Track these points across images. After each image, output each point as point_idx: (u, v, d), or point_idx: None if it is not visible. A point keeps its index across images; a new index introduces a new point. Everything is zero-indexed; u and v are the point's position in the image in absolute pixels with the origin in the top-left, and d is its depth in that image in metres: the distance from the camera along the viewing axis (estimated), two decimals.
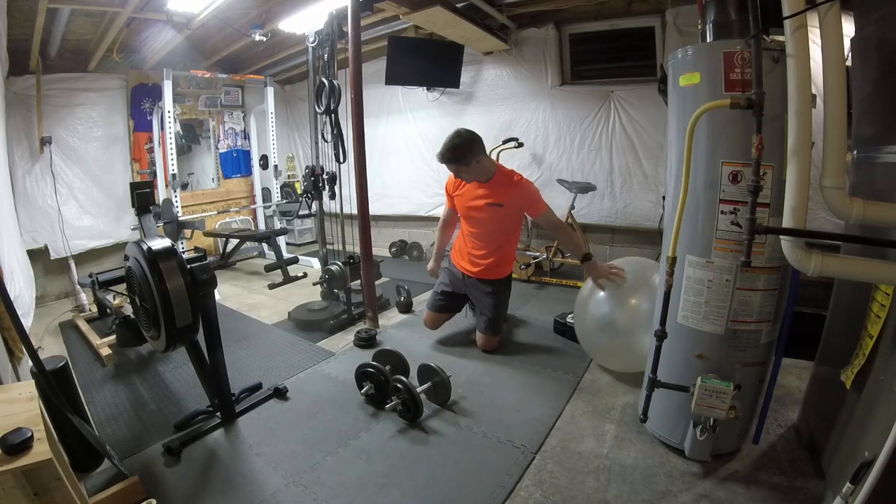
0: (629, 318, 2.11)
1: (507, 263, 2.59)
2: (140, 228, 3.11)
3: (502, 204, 2.37)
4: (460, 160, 2.29)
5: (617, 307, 2.16)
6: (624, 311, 2.14)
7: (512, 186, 2.36)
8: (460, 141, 2.27)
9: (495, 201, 2.37)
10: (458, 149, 2.27)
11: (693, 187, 1.47)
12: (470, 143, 2.28)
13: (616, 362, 2.27)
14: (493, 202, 2.37)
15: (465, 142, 2.27)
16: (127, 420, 2.07)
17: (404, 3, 3.02)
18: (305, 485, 1.63)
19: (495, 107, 4.36)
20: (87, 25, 3.49)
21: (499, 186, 2.38)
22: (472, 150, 2.29)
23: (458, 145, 2.27)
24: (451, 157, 2.28)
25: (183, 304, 1.74)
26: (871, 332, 1.29)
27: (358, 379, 2.16)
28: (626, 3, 3.55)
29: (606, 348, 2.24)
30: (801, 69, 1.17)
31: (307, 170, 3.28)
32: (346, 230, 3.37)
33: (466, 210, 2.50)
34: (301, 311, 3.18)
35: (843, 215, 1.19)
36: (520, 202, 2.40)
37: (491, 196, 2.38)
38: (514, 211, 2.43)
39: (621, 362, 2.24)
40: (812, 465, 1.61)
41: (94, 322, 3.28)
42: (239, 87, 5.18)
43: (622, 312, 2.14)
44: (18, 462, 0.94)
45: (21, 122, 3.67)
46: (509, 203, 2.37)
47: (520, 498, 1.55)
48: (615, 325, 2.14)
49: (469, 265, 2.58)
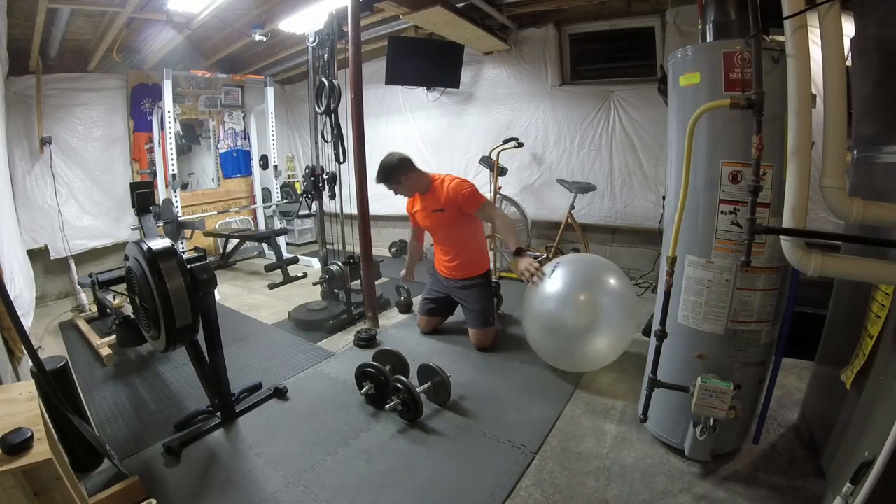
0: (575, 318, 2.08)
1: (478, 261, 2.73)
2: (140, 228, 3.11)
3: (443, 209, 2.59)
4: (389, 179, 2.60)
5: (564, 307, 2.11)
6: (570, 310, 2.10)
7: (445, 191, 2.57)
8: (388, 163, 2.59)
9: (436, 207, 2.61)
10: (386, 170, 2.59)
11: (693, 187, 1.47)
12: (397, 165, 2.58)
13: (562, 361, 2.24)
14: (435, 209, 2.62)
15: (392, 164, 2.58)
16: (127, 420, 2.07)
17: (404, 3, 3.02)
18: (305, 485, 1.63)
19: (495, 107, 4.36)
20: (87, 25, 3.49)
21: (435, 194, 2.61)
22: (399, 170, 2.59)
23: (385, 167, 2.59)
24: (381, 178, 2.61)
25: (183, 304, 1.74)
26: (871, 332, 1.29)
27: (358, 379, 2.16)
28: (626, 3, 3.55)
29: (551, 347, 2.21)
30: (801, 69, 1.17)
31: (307, 170, 3.28)
32: (346, 230, 3.37)
33: (423, 223, 2.77)
34: (301, 311, 3.18)
35: (843, 215, 1.19)
36: (455, 202, 2.55)
37: (432, 204, 2.63)
38: (455, 212, 2.58)
39: (567, 362, 2.22)
40: (812, 465, 1.61)
41: (94, 322, 3.28)
42: (239, 87, 5.18)
43: (569, 312, 2.10)
44: (18, 462, 0.94)
45: (21, 122, 3.67)
46: (448, 206, 2.57)
47: (520, 498, 1.55)
48: (562, 324, 2.09)
49: (444, 269, 2.77)
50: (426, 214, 2.68)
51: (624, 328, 2.13)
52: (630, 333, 2.18)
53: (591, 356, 2.14)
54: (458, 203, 2.54)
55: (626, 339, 2.17)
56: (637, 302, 2.31)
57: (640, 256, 3.97)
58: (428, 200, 2.64)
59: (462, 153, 4.54)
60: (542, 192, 4.16)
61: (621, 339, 2.15)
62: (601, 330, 2.07)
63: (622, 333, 2.14)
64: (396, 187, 2.64)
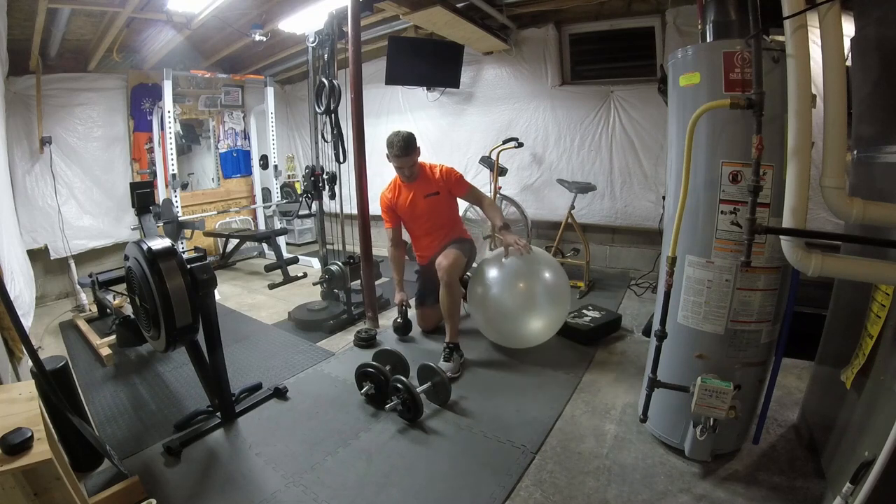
0: (513, 300, 2.39)
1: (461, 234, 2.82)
2: (140, 228, 3.10)
3: (438, 192, 2.65)
4: (410, 150, 2.54)
5: (505, 289, 2.41)
6: (510, 293, 2.40)
7: (438, 173, 2.65)
8: (405, 135, 2.54)
9: (430, 191, 2.64)
10: (408, 140, 2.53)
11: (693, 187, 1.47)
12: (413, 137, 2.57)
13: (500, 337, 2.55)
14: (428, 193, 2.64)
15: (410, 136, 2.56)
16: (127, 420, 2.07)
17: (404, 3, 3.02)
18: (305, 485, 1.63)
19: (495, 107, 4.35)
20: (87, 25, 3.49)
21: (427, 180, 2.66)
22: (415, 142, 2.57)
23: (406, 138, 2.53)
24: (404, 148, 2.52)
25: (183, 304, 1.74)
26: (871, 332, 1.29)
27: (358, 379, 2.16)
28: (626, 3, 3.55)
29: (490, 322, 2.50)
30: (801, 69, 1.17)
31: (307, 170, 3.28)
32: (346, 230, 3.37)
33: (410, 213, 2.71)
34: (301, 311, 3.18)
35: (843, 215, 1.19)
36: (447, 185, 2.65)
37: (425, 189, 2.65)
38: (446, 195, 2.68)
39: (504, 338, 2.54)
40: (812, 465, 1.61)
41: (94, 322, 3.28)
42: (239, 87, 5.17)
43: (508, 294, 2.40)
44: (18, 462, 0.94)
45: (21, 122, 3.66)
46: (441, 188, 2.65)
47: (520, 498, 1.55)
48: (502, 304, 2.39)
49: (429, 252, 2.74)
50: (416, 201, 2.65)
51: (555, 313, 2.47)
52: (561, 318, 2.52)
53: (526, 335, 2.45)
54: (450, 185, 2.65)
55: (558, 322, 2.52)
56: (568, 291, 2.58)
57: (640, 256, 3.97)
58: (420, 186, 2.64)
59: (462, 153, 4.54)
60: (542, 192, 4.16)
61: (554, 321, 2.48)
62: (535, 313, 2.40)
63: (554, 318, 2.47)
64: (409, 163, 2.56)
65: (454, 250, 2.54)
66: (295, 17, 3.20)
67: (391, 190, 2.73)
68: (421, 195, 2.64)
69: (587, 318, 2.73)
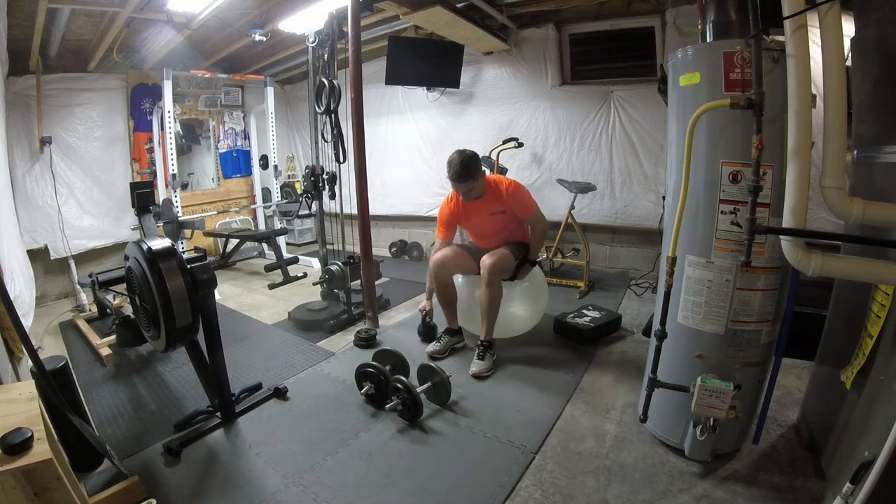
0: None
1: (522, 238, 2.66)
2: (140, 228, 3.11)
3: (505, 210, 2.50)
4: (473, 174, 2.33)
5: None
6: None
7: (506, 192, 2.47)
8: (468, 157, 2.32)
9: (498, 210, 2.49)
10: (470, 164, 2.32)
11: (693, 187, 1.47)
12: (475, 159, 2.36)
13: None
14: (496, 211, 2.50)
15: (473, 157, 2.35)
16: (127, 420, 2.07)
17: (404, 3, 3.02)
18: (305, 485, 1.63)
19: (495, 107, 4.36)
20: (87, 25, 3.49)
21: (495, 196, 2.47)
22: (479, 165, 2.39)
23: (466, 161, 2.31)
24: (463, 175, 2.31)
25: (183, 304, 1.74)
26: (871, 332, 1.29)
27: (358, 379, 2.16)
28: (626, 3, 3.55)
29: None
30: (801, 69, 1.17)
31: (307, 170, 3.28)
32: (346, 230, 3.37)
33: (477, 229, 2.66)
34: (301, 311, 3.18)
35: (843, 215, 1.19)
36: (514, 205, 2.49)
37: (492, 206, 2.49)
38: (513, 214, 2.54)
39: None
40: (812, 465, 1.61)
41: (94, 322, 3.28)
42: (239, 87, 5.18)
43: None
44: (18, 462, 0.94)
45: (21, 122, 3.66)
46: (510, 208, 2.50)
47: (520, 498, 1.55)
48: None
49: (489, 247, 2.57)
50: (482, 217, 2.51)
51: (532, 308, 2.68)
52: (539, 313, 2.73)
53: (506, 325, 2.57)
54: (516, 208, 2.49)
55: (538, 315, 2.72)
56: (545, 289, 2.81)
57: (640, 256, 3.97)
58: (484, 205, 2.47)
59: None
60: (542, 192, 4.16)
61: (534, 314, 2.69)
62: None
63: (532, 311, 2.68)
64: (474, 186, 2.36)
65: (504, 250, 2.45)
66: (295, 17, 3.21)
67: (452, 202, 2.56)
68: (486, 213, 2.49)
69: (587, 318, 2.73)
